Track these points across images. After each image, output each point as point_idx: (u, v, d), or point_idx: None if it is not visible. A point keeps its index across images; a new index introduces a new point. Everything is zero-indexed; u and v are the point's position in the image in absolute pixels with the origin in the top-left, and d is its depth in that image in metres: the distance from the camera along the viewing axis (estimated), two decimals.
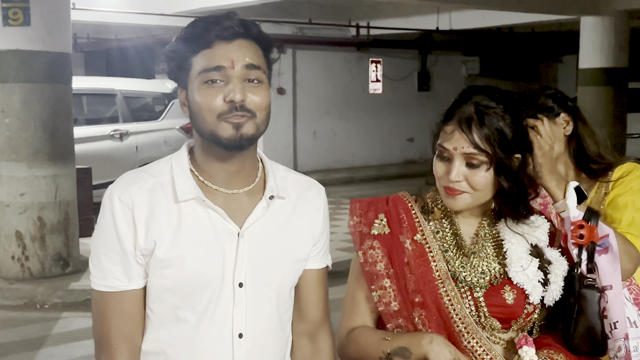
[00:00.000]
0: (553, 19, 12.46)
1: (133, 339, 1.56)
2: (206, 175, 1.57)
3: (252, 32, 1.54)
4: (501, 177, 1.65)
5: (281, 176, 1.66)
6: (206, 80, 1.50)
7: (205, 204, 1.54)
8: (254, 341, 1.57)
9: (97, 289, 1.55)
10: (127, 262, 1.53)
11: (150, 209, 1.52)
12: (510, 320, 1.68)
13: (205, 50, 1.50)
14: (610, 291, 1.76)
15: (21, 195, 6.15)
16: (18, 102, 6.08)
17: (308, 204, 1.67)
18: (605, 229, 1.79)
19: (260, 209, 1.58)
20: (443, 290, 1.67)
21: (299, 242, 1.63)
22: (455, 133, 1.65)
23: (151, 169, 1.59)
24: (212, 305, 1.53)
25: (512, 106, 1.68)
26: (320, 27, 13.91)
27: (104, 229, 1.54)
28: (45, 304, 5.87)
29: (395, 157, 15.93)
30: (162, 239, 1.51)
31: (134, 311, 1.55)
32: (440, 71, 16.47)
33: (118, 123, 9.76)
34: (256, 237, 1.56)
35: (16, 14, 5.95)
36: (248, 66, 1.51)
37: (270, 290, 1.59)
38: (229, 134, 1.49)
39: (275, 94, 14.05)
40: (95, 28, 13.39)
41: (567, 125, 2.20)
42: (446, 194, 1.68)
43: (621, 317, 1.77)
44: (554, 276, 1.70)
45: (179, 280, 1.52)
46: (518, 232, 1.70)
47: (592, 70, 11.31)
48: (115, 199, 1.52)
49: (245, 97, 1.49)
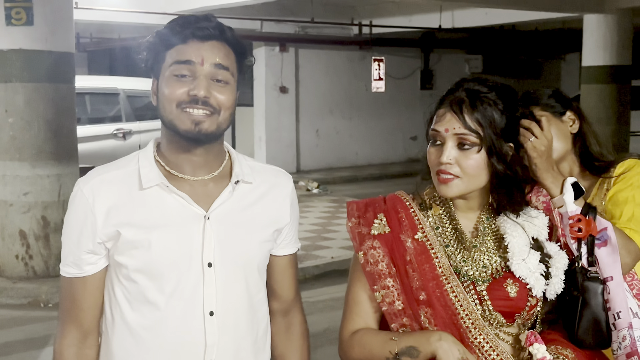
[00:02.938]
0: (556, 17, 12.43)
1: (79, 323, 1.66)
2: (172, 165, 1.66)
3: (227, 36, 1.63)
4: (493, 157, 1.64)
5: (248, 165, 1.74)
6: (175, 73, 1.59)
7: (169, 189, 1.62)
8: (224, 319, 1.64)
9: (61, 272, 1.69)
10: (77, 253, 1.63)
11: (112, 198, 1.61)
12: (514, 314, 1.68)
13: (179, 46, 1.60)
14: (611, 282, 1.77)
15: (25, 194, 6.16)
16: (21, 102, 6.09)
17: (276, 190, 1.76)
18: (603, 222, 1.80)
19: (227, 193, 1.66)
20: (449, 286, 1.67)
21: (265, 225, 1.72)
22: (446, 115, 1.68)
23: (119, 162, 1.70)
24: (181, 285, 1.61)
25: (504, 94, 1.68)
26: (323, 26, 13.90)
27: (66, 219, 1.67)
28: (49, 303, 5.89)
29: (399, 156, 15.91)
30: (126, 225, 1.59)
31: (81, 298, 1.65)
32: (443, 69, 16.45)
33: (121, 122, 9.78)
34: (223, 219, 1.64)
35: (19, 13, 5.96)
36: (217, 65, 1.59)
37: (238, 269, 1.67)
38: (187, 127, 1.58)
39: (277, 93, 14.05)
40: (98, 27, 13.39)
41: (574, 124, 2.21)
42: (439, 181, 1.68)
43: (624, 306, 1.78)
44: (555, 269, 1.70)
45: (146, 261, 1.59)
46: (519, 222, 1.70)
47: (595, 68, 11.28)
48: (78, 192, 1.63)
49: (209, 94, 1.57)
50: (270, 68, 13.94)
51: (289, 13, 13.39)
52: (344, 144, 15.19)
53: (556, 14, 11.85)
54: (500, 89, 1.70)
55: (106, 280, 1.67)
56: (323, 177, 13.24)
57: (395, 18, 14.07)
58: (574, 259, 1.76)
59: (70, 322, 1.67)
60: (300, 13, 13.37)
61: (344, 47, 14.83)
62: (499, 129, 1.65)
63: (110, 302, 1.66)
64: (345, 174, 13.93)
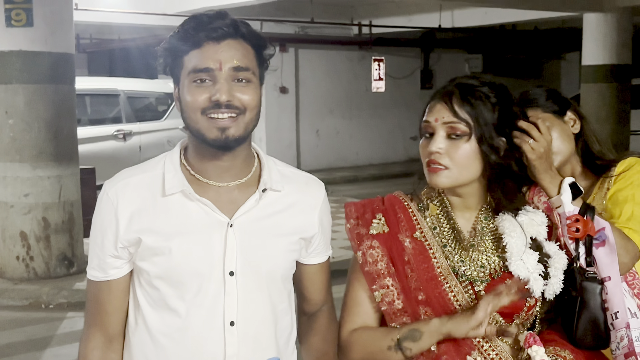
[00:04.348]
0: (556, 16, 12.44)
1: (105, 327, 1.64)
2: (197, 169, 1.62)
3: (242, 32, 1.57)
4: (484, 146, 1.64)
5: (278, 170, 1.68)
6: (195, 79, 1.54)
7: (192, 196, 1.58)
8: (245, 329, 1.60)
9: (87, 276, 1.68)
10: (102, 257, 1.62)
11: (135, 203, 1.58)
12: (513, 314, 1.68)
13: (195, 51, 1.55)
14: (609, 282, 1.77)
15: (25, 195, 6.17)
16: (22, 103, 6.09)
17: (305, 199, 1.70)
18: (602, 222, 1.80)
19: (253, 201, 1.61)
20: (447, 286, 1.66)
21: (291, 233, 1.66)
22: (436, 105, 1.68)
23: (145, 165, 1.66)
24: (201, 294, 1.58)
25: (497, 90, 1.68)
26: (323, 26, 13.90)
27: (93, 222, 1.65)
28: (50, 304, 5.89)
29: (399, 156, 15.91)
30: (148, 232, 1.57)
31: (106, 301, 1.64)
32: (443, 69, 16.44)
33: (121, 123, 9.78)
34: (247, 227, 1.60)
35: (19, 14, 5.97)
36: (236, 68, 1.55)
37: (260, 278, 1.62)
38: (214, 135, 1.54)
39: (278, 93, 14.05)
40: (98, 28, 13.40)
41: (575, 124, 2.19)
42: (429, 171, 1.67)
43: (621, 307, 1.78)
44: (554, 269, 1.69)
45: (167, 268, 1.57)
46: (517, 221, 1.69)
47: (595, 67, 11.27)
48: (104, 195, 1.61)
49: (232, 97, 1.53)
50: (270, 68, 13.91)
51: (288, 13, 13.39)
52: (344, 144, 15.19)
53: (556, 13, 11.86)
54: (493, 85, 1.70)
55: (130, 285, 1.65)
56: (323, 177, 13.19)
57: (395, 18, 14.08)
58: (572, 259, 1.76)
59: (95, 326, 1.65)
60: (300, 13, 13.37)
61: (344, 47, 14.84)
62: (489, 120, 1.65)
63: (134, 306, 1.65)
64: (345, 174, 13.93)
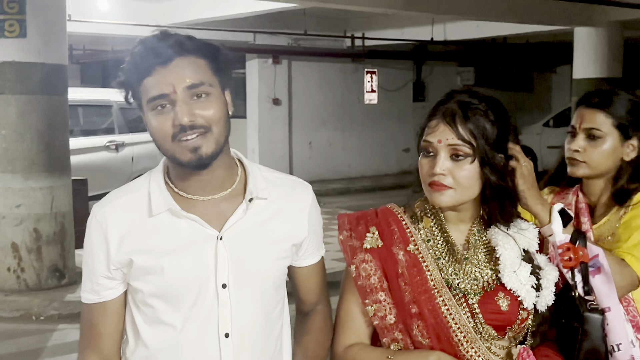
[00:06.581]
0: (547, 30, 12.50)
1: (99, 349, 1.64)
2: (180, 186, 1.62)
3: (188, 48, 1.54)
4: (486, 168, 1.64)
5: (263, 177, 1.68)
6: (154, 107, 1.54)
7: (179, 213, 1.58)
8: (240, 340, 1.61)
9: (82, 299, 1.69)
10: (94, 279, 1.63)
11: (124, 225, 1.59)
12: (505, 327, 1.68)
13: (147, 79, 1.54)
14: (609, 313, 1.75)
15: (17, 206, 6.15)
16: (14, 114, 6.09)
17: (292, 203, 1.71)
18: (594, 249, 1.78)
19: (240, 211, 1.62)
20: (440, 299, 1.66)
21: (281, 240, 1.67)
22: (439, 126, 1.67)
23: (131, 185, 1.67)
24: (196, 308, 1.59)
25: (493, 106, 1.69)
26: (316, 38, 13.94)
27: (84, 246, 1.65)
28: (41, 316, 5.86)
29: (391, 168, 15.93)
30: (138, 253, 1.58)
31: (100, 323, 1.64)
32: (435, 82, 16.51)
33: (114, 134, 9.76)
34: (236, 238, 1.61)
35: (12, 25, 5.97)
36: (190, 87, 1.53)
37: (254, 288, 1.63)
38: (188, 158, 1.54)
39: (271, 105, 14.07)
40: (91, 39, 13.39)
41: (632, 152, 2.11)
42: (432, 190, 1.67)
43: (624, 338, 1.76)
44: (546, 281, 1.70)
45: (160, 285, 1.58)
46: (509, 234, 1.69)
47: (586, 80, 11.34)
48: (92, 218, 1.62)
49: (193, 117, 1.52)
50: (263, 80, 13.97)
51: (281, 25, 13.43)
52: (337, 156, 15.20)
53: (547, 27, 11.93)
54: (489, 100, 1.70)
55: (126, 306, 1.66)
56: (316, 189, 13.02)
57: (388, 30, 14.13)
58: (569, 287, 1.75)
59: (90, 349, 1.66)
60: (293, 25, 13.41)
61: (337, 60, 14.87)
62: (491, 140, 1.65)
63: (131, 327, 1.65)
64: (338, 186, 13.93)
